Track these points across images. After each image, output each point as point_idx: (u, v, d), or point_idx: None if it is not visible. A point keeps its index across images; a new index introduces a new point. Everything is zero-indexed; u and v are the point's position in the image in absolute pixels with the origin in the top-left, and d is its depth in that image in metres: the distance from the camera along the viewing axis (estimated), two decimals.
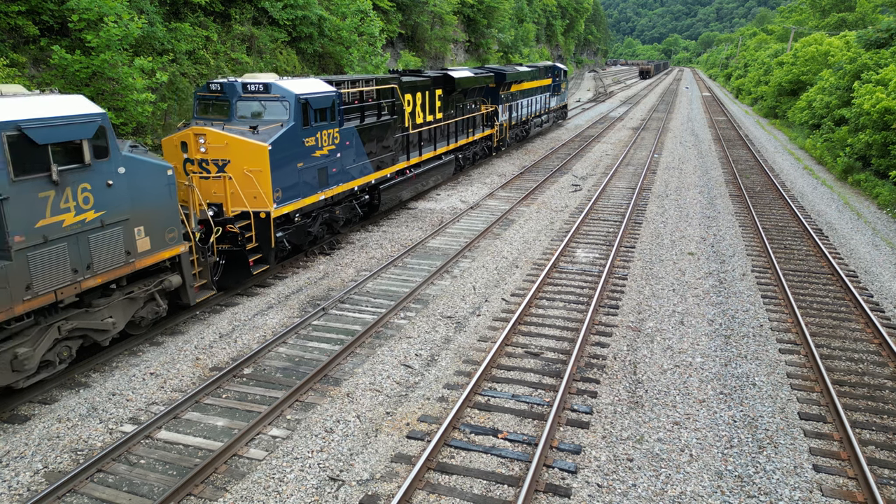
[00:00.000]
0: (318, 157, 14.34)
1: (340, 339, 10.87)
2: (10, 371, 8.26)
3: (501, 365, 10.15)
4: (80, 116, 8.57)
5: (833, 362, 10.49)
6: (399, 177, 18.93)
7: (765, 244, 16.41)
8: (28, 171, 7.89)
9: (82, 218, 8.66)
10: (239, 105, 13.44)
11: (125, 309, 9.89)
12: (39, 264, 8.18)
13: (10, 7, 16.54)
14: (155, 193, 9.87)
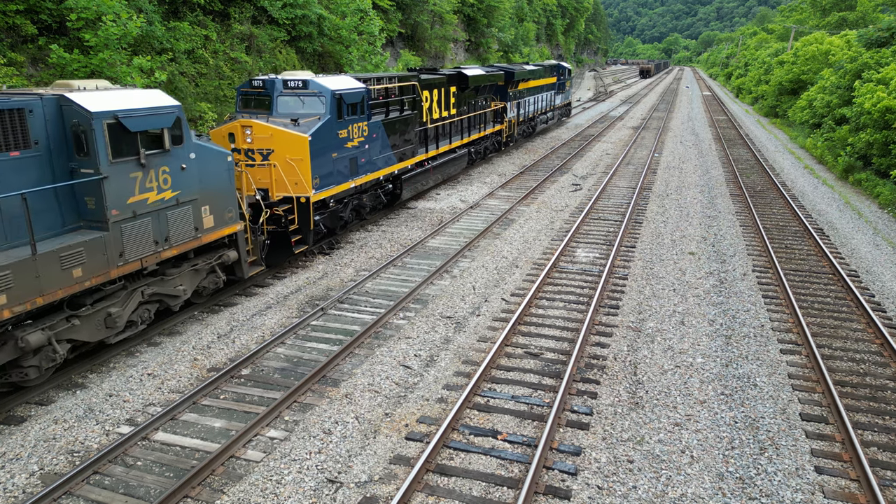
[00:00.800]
0: (350, 147, 15.52)
1: (339, 340, 10.81)
2: (104, 328, 9.60)
3: (501, 365, 10.09)
4: (162, 108, 9.84)
5: (835, 363, 10.43)
6: (418, 168, 20.02)
7: (766, 244, 16.34)
8: (122, 155, 9.16)
9: (162, 196, 9.96)
10: (280, 100, 14.61)
11: (192, 279, 11.22)
12: (130, 235, 9.46)
13: (8, 6, 16.48)
14: (218, 177, 11.17)
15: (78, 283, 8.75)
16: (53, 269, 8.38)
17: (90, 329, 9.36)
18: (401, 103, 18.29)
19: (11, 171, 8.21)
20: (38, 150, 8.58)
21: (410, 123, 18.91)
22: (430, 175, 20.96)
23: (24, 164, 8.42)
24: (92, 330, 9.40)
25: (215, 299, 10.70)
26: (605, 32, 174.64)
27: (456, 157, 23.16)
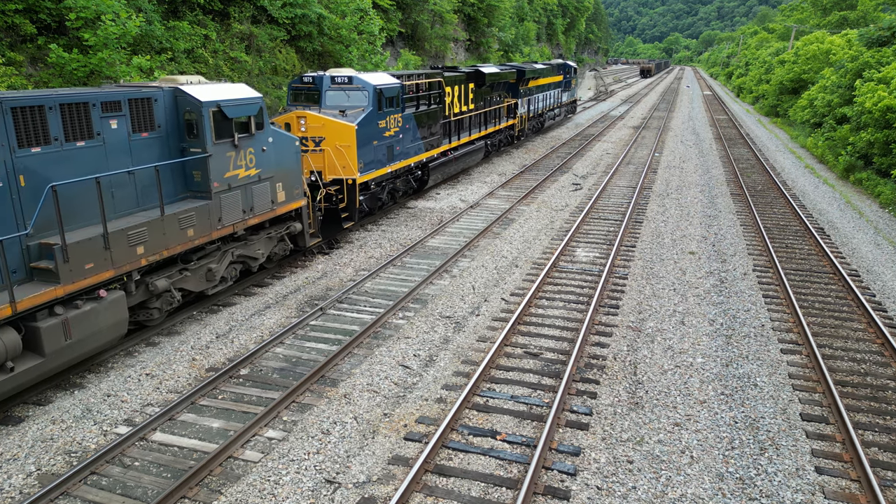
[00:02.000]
0: (387, 136, 17.41)
1: (338, 340, 10.78)
2: (205, 281, 11.53)
3: (500, 365, 10.06)
4: (249, 99, 11.68)
5: (835, 363, 10.39)
6: (442, 157, 21.79)
7: (766, 243, 16.30)
8: (221, 137, 11.03)
9: (248, 173, 11.89)
10: (328, 94, 16.50)
11: (267, 245, 13.13)
12: (226, 204, 11.37)
13: (7, 5, 16.45)
14: (289, 158, 13.11)
15: (190, 241, 10.70)
16: (174, 228, 10.29)
17: (196, 281, 11.33)
18: (428, 98, 20.07)
19: (143, 148, 10.19)
20: (160, 132, 10.50)
21: (436, 116, 20.74)
22: (453, 164, 22.65)
23: (151, 143, 10.35)
24: (197, 281, 11.36)
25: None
26: (606, 32, 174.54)
27: (474, 148, 24.75)
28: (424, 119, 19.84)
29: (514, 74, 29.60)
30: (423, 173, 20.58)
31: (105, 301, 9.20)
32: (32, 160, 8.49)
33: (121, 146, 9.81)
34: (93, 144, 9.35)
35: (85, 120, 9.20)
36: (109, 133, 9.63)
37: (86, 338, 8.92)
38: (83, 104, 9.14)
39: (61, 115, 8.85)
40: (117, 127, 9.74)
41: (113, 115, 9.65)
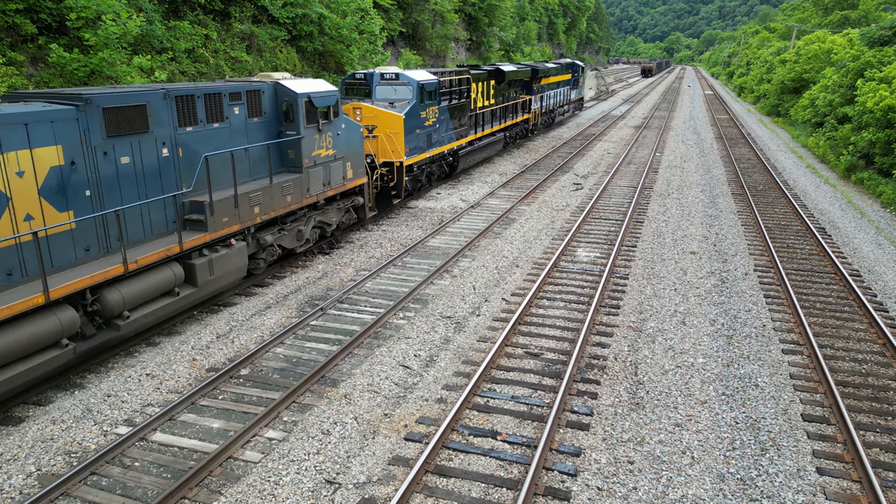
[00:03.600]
0: (427, 126, 19.83)
1: (338, 340, 10.77)
2: (295, 240, 14.02)
3: (501, 366, 10.05)
4: (330, 91, 14.19)
5: (836, 363, 10.37)
6: (469, 146, 24.06)
7: (767, 243, 16.28)
8: (310, 122, 13.51)
9: (328, 153, 14.40)
10: (378, 88, 19.06)
11: (337, 214, 15.60)
12: (312, 178, 13.85)
13: (8, 5, 16.45)
14: (355, 142, 15.60)
15: (288, 206, 13.16)
16: (278, 194, 12.78)
17: (289, 239, 13.78)
18: (458, 93, 22.40)
19: (254, 130, 12.69)
20: (265, 118, 12.92)
21: (464, 110, 23.06)
22: (478, 153, 24.99)
23: (259, 126, 12.83)
24: (290, 240, 13.82)
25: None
26: (607, 31, 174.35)
27: (494, 140, 26.97)
28: (455, 112, 22.14)
29: (528, 73, 31.68)
30: (453, 160, 22.92)
31: (234, 248, 11.76)
32: (187, 136, 11.04)
33: (240, 128, 12.35)
34: (223, 126, 11.87)
35: (219, 107, 11.68)
36: (234, 117, 12.15)
37: (222, 276, 11.45)
38: (218, 94, 11.60)
39: (204, 102, 11.31)
40: (238, 113, 12.26)
41: (236, 103, 12.15)
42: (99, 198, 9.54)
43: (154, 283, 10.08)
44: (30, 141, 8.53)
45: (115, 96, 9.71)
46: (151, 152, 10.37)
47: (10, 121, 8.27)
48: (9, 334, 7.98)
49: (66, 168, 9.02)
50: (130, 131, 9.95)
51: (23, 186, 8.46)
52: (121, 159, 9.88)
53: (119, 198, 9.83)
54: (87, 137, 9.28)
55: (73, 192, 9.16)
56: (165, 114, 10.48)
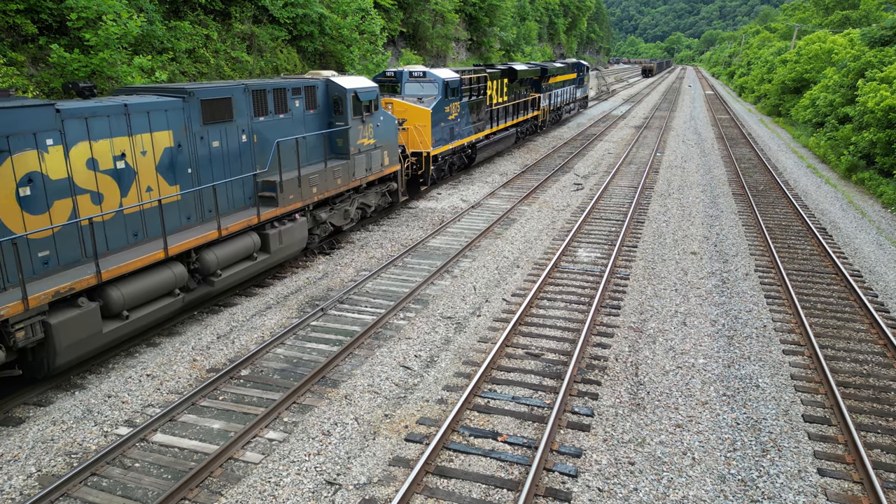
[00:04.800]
0: (450, 120, 21.66)
1: (339, 341, 10.76)
2: (342, 219, 15.88)
3: (501, 366, 10.04)
4: (371, 87, 16.03)
5: (837, 363, 10.36)
6: (486, 140, 25.81)
7: (768, 243, 16.26)
8: (356, 114, 15.34)
9: (370, 142, 16.26)
10: (407, 85, 20.91)
11: (375, 197, 17.47)
12: (357, 163, 15.67)
13: (8, 5, 16.44)
14: (391, 133, 17.42)
15: (338, 188, 15.02)
16: (331, 177, 14.60)
17: (338, 218, 15.65)
18: (477, 90, 24.08)
19: (310, 120, 14.50)
20: (319, 110, 14.77)
21: (482, 106, 24.73)
22: (493, 146, 26.73)
23: (314, 118, 14.65)
24: (339, 218, 15.70)
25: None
26: (608, 31, 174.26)
27: (508, 134, 28.71)
28: (474, 107, 23.89)
29: (538, 72, 33.59)
30: (472, 152, 24.70)
31: (298, 222, 13.64)
32: (260, 125, 12.87)
33: (300, 119, 14.16)
34: (287, 117, 13.68)
35: (284, 100, 13.49)
36: (295, 109, 13.93)
37: (288, 245, 13.31)
38: (283, 89, 13.47)
39: (273, 96, 13.12)
40: (298, 105, 14.03)
41: (297, 97, 13.93)
42: (197, 175, 11.44)
43: (239, 248, 11.96)
44: (150, 126, 10.42)
45: (209, 90, 11.56)
46: (234, 138, 12.27)
47: (138, 109, 10.14)
48: (143, 280, 9.91)
49: (174, 149, 10.92)
50: (220, 120, 11.83)
51: (145, 163, 10.40)
52: (213, 143, 11.79)
53: (211, 175, 11.73)
54: (189, 124, 11.17)
55: (180, 169, 11.09)
56: (245, 105, 12.39)
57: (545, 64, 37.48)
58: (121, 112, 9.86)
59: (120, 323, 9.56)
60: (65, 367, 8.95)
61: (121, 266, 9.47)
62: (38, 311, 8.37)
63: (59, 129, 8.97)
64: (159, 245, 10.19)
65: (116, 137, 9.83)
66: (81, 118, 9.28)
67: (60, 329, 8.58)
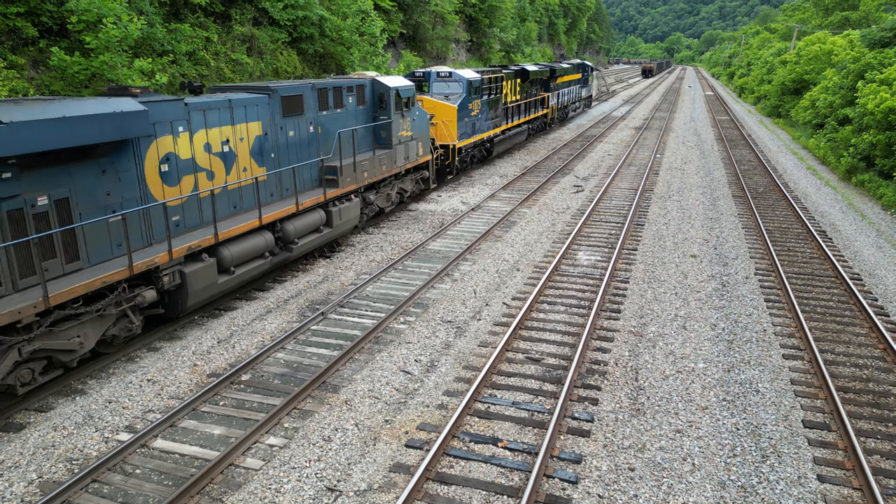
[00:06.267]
0: (473, 115, 23.90)
1: (339, 345, 10.77)
2: (385, 200, 18.07)
3: (502, 371, 10.05)
4: (409, 86, 18.16)
5: (837, 368, 10.37)
6: (502, 135, 28.05)
7: (768, 246, 16.28)
8: (397, 109, 17.41)
9: (408, 134, 18.44)
10: (434, 84, 23.35)
11: (410, 184, 19.77)
12: (398, 153, 17.83)
13: (9, 8, 16.45)
14: (424, 127, 19.72)
15: (383, 174, 17.20)
16: (377, 164, 16.79)
17: (382, 200, 17.79)
18: (495, 89, 26.33)
19: (360, 115, 16.49)
20: (366, 106, 16.79)
21: (498, 103, 27.04)
22: (507, 141, 28.84)
23: (363, 112, 16.69)
24: (382, 201, 17.85)
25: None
26: (608, 32, 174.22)
27: (520, 130, 30.97)
28: (492, 105, 26.12)
29: (547, 72, 35.52)
30: (490, 146, 26.92)
31: (353, 202, 15.76)
32: (322, 118, 14.91)
33: (352, 113, 16.16)
34: (343, 111, 15.72)
35: (340, 96, 15.52)
36: (349, 105, 15.96)
37: (345, 222, 15.42)
38: (340, 87, 15.49)
39: (333, 93, 15.16)
40: (351, 101, 16.03)
41: (350, 94, 15.95)
42: (277, 159, 13.57)
43: (311, 221, 14.08)
44: (246, 117, 12.53)
45: (287, 88, 13.63)
46: (304, 128, 14.32)
47: (238, 104, 12.31)
48: (244, 243, 12.05)
49: (262, 137, 13.05)
50: (295, 113, 13.88)
51: (242, 148, 12.53)
52: (289, 132, 13.86)
53: (287, 160, 13.86)
54: (273, 116, 13.28)
55: (266, 154, 13.21)
56: (312, 101, 14.44)
57: (553, 65, 39.27)
58: (227, 106, 12.01)
59: (228, 276, 11.78)
60: (192, 308, 11.23)
61: (230, 230, 11.68)
62: (177, 262, 10.59)
63: (187, 119, 11.10)
64: (254, 215, 12.41)
65: (224, 126, 11.99)
66: (201, 110, 11.41)
67: (192, 277, 10.83)
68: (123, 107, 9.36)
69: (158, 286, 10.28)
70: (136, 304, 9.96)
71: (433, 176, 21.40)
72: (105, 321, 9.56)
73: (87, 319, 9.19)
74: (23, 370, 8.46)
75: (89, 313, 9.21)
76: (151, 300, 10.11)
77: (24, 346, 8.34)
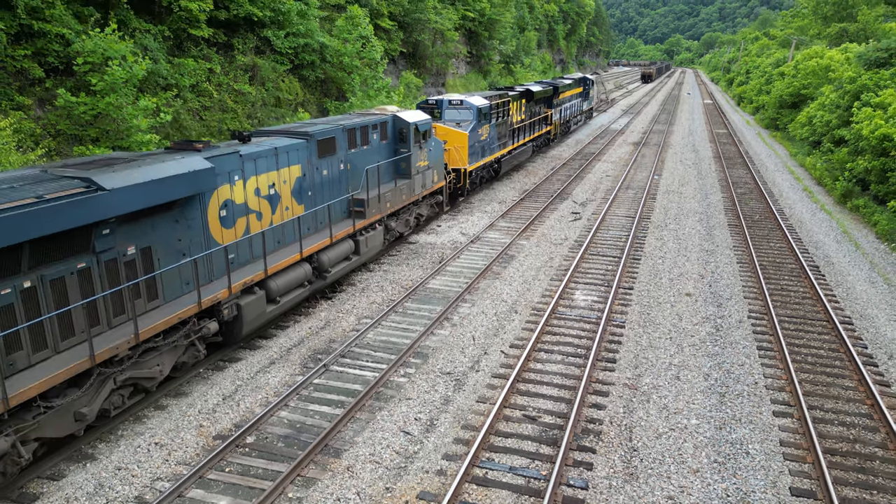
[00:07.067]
0: (482, 140, 25.36)
1: (341, 402, 11.06)
2: (405, 226, 19.70)
3: (500, 431, 10.34)
4: (427, 120, 19.73)
5: (825, 427, 10.66)
6: (508, 154, 29.48)
7: (762, 285, 16.56)
8: (416, 142, 19.08)
9: (424, 164, 19.94)
10: (446, 111, 24.50)
11: (426, 208, 21.42)
12: (416, 182, 19.47)
13: (17, 50, 16.73)
14: (439, 155, 21.27)
15: (403, 202, 18.81)
16: (399, 194, 18.37)
17: (401, 225, 19.31)
18: (502, 112, 27.88)
19: (383, 149, 17.97)
20: (389, 140, 18.29)
21: (505, 125, 28.59)
22: (514, 160, 30.35)
23: (386, 146, 18.17)
24: (401, 226, 19.35)
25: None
26: (607, 34, 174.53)
27: (525, 149, 32.41)
28: (500, 127, 27.65)
29: (551, 90, 37.41)
30: (497, 166, 28.46)
31: (377, 230, 17.35)
32: (351, 155, 16.30)
33: (376, 148, 17.60)
34: (368, 147, 17.15)
35: (366, 134, 17.00)
36: (373, 141, 17.42)
37: (371, 248, 16.95)
38: (366, 126, 16.92)
39: (360, 132, 16.60)
40: (375, 138, 17.51)
41: (375, 131, 17.44)
42: (314, 196, 14.95)
43: (342, 251, 15.58)
44: (288, 161, 13.93)
45: (322, 132, 15.05)
46: (336, 166, 15.73)
47: (283, 150, 13.67)
48: (287, 275, 13.46)
49: (301, 178, 14.44)
50: (328, 154, 15.33)
51: (285, 190, 13.93)
52: (323, 171, 15.25)
53: (322, 196, 15.24)
54: (310, 158, 14.68)
55: (304, 192, 14.61)
56: (342, 141, 15.83)
57: (556, 82, 41.11)
58: (273, 153, 13.37)
59: (275, 306, 13.16)
60: (246, 335, 12.77)
61: (276, 265, 13.06)
62: (235, 296, 12.00)
63: (241, 168, 12.44)
64: (295, 249, 13.80)
65: (270, 172, 13.36)
66: (252, 159, 12.75)
67: (246, 308, 12.26)
68: (195, 165, 10.79)
69: (219, 318, 11.70)
70: (203, 334, 11.40)
71: (446, 199, 23.18)
72: (178, 350, 11.02)
73: (164, 350, 10.61)
74: (115, 396, 9.88)
75: (167, 345, 10.63)
76: (214, 331, 11.66)
77: (118, 375, 9.76)
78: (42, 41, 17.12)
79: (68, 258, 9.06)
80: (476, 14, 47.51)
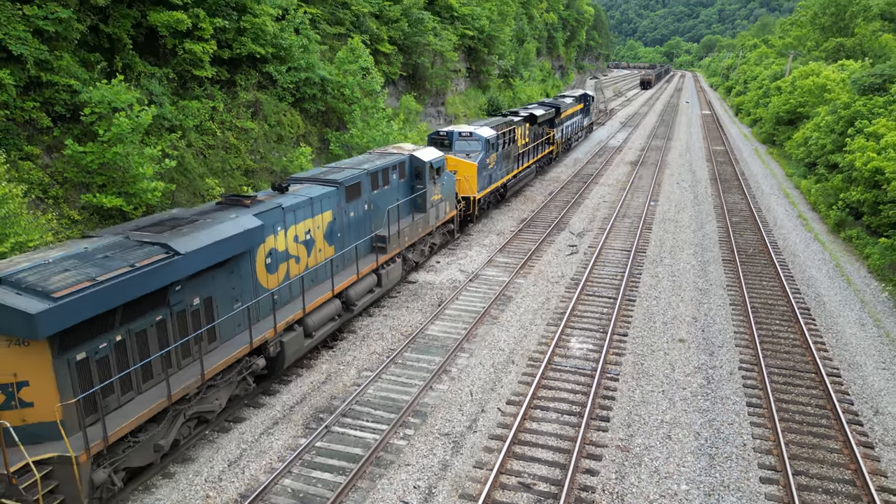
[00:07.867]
0: (490, 168, 26.98)
1: (342, 468, 11.44)
2: (419, 256, 21.31)
3: (496, 501, 10.72)
4: (440, 158, 21.43)
5: (809, 495, 11.06)
6: (513, 178, 31.09)
7: (753, 332, 16.95)
8: (431, 178, 20.68)
9: (437, 197, 21.64)
10: (456, 143, 25.67)
11: (439, 237, 22.97)
12: (431, 215, 21.17)
13: (26, 102, 17.10)
14: (451, 188, 23.03)
15: (419, 235, 20.58)
16: (415, 228, 20.09)
17: (417, 255, 21.06)
18: (508, 140, 29.35)
19: (401, 187, 19.72)
20: (406, 178, 20.03)
21: (511, 151, 30.09)
22: (518, 183, 32.06)
23: (403, 185, 19.93)
24: (417, 255, 21.09)
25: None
26: (606, 37, 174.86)
27: (530, 171, 34.30)
28: (506, 153, 29.15)
29: (553, 112, 39.12)
30: (504, 190, 30.12)
31: (396, 263, 18.96)
32: (374, 196, 17.95)
33: (396, 187, 19.31)
34: (388, 187, 18.81)
35: (387, 175, 18.63)
36: (392, 181, 19.08)
37: (391, 280, 18.60)
38: (387, 168, 18.57)
39: (382, 174, 18.29)
40: (395, 177, 19.21)
41: (394, 171, 19.09)
42: (343, 237, 16.54)
43: (367, 285, 17.29)
44: (322, 208, 15.49)
45: (350, 178, 16.70)
46: (361, 208, 17.31)
47: (318, 199, 15.30)
48: (321, 311, 15.06)
49: (332, 222, 16.04)
50: (355, 198, 16.94)
51: (318, 234, 15.51)
52: (350, 214, 16.81)
53: (349, 236, 16.84)
54: (340, 203, 16.24)
55: (334, 235, 16.20)
56: (367, 184, 17.43)
57: (558, 102, 42.76)
58: (308, 203, 14.91)
59: (311, 340, 14.79)
60: (287, 367, 14.34)
61: (312, 304, 14.69)
62: (279, 335, 13.58)
63: (283, 219, 13.97)
64: (327, 287, 15.43)
65: (307, 220, 14.90)
66: (292, 210, 14.31)
67: (288, 344, 13.85)
68: (248, 224, 12.42)
69: (266, 354, 13.25)
70: (252, 370, 12.99)
71: (457, 227, 24.94)
72: (232, 385, 12.57)
73: (222, 386, 12.19)
74: (184, 428, 11.54)
75: (225, 381, 12.23)
76: (262, 366, 13.28)
77: (187, 410, 11.39)
78: (50, 91, 17.49)
79: (149, 312, 10.67)
80: (475, 31, 47.86)
